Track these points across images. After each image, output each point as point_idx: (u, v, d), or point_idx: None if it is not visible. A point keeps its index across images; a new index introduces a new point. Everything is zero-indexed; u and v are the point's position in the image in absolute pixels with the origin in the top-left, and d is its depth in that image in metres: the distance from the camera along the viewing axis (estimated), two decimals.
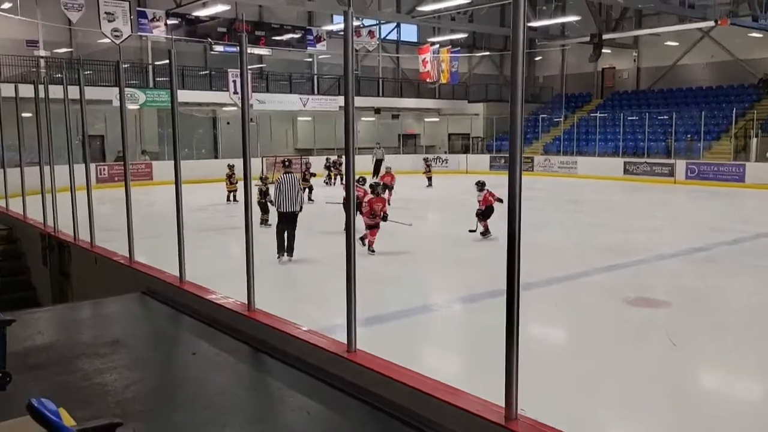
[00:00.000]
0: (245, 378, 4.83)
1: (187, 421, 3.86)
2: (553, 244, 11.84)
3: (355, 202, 13.70)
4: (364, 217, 11.02)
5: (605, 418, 4.81)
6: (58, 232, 9.93)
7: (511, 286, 3.36)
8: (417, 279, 9.69)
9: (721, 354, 6.41)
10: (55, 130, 10.17)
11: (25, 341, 5.31)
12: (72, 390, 4.29)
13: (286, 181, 10.56)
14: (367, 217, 11.02)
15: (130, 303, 6.80)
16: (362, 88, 31.82)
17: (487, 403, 3.60)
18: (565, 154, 30.57)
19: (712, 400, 5.42)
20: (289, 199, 10.38)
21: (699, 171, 25.27)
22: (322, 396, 4.24)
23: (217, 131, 29.65)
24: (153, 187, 21.33)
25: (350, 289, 4.46)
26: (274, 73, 30.30)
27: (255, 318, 5.41)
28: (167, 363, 5.20)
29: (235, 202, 17.53)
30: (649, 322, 7.30)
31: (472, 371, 5.80)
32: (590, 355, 6.29)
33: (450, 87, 35.22)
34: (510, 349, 3.36)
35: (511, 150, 3.38)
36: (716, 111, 28.89)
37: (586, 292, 8.85)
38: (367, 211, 10.99)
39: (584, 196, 22.17)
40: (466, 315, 8.03)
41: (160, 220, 11.35)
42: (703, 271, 10.05)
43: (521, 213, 3.30)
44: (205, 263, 9.03)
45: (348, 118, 4.47)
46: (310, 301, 7.91)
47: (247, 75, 5.68)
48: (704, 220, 15.48)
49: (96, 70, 24.45)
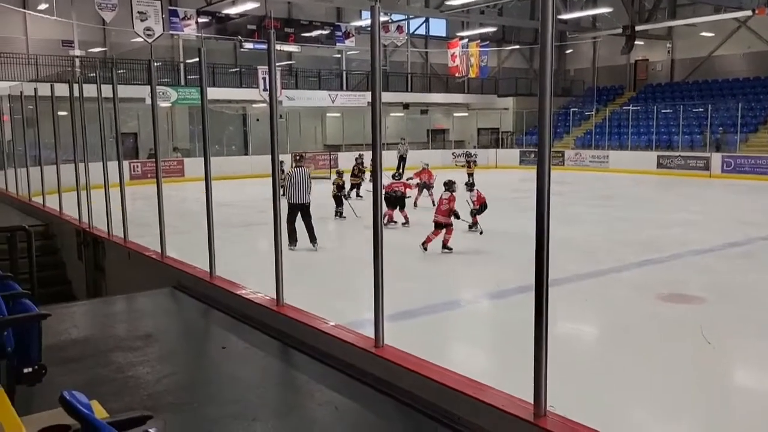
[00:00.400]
0: (274, 372, 4.87)
1: (216, 414, 3.91)
2: (584, 240, 11.69)
3: (396, 197, 13.54)
4: (440, 216, 10.68)
5: (636, 416, 4.73)
6: (92, 228, 10.13)
7: (540, 281, 3.33)
8: (445, 274, 9.66)
9: (757, 351, 6.27)
10: (90, 128, 10.36)
11: (60, 335, 5.43)
12: (105, 383, 4.38)
13: (297, 174, 11.03)
14: (443, 216, 10.63)
15: (162, 297, 6.91)
16: (391, 84, 31.78)
17: (515, 399, 3.58)
18: (596, 148, 30.16)
19: (748, 398, 5.30)
20: (298, 191, 10.84)
21: (735, 164, 24.71)
22: (350, 391, 4.26)
23: (247, 128, 29.90)
24: (184, 183, 21.62)
25: (378, 284, 4.47)
26: (303, 70, 30.44)
27: (284, 313, 5.45)
28: (198, 357, 5.27)
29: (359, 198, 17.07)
30: (683, 318, 7.17)
31: (500, 367, 5.76)
32: (622, 352, 6.20)
33: (479, 81, 34.96)
34: (539, 345, 3.33)
35: (540, 145, 3.35)
36: (753, 103, 28.21)
37: (617, 288, 8.73)
38: (445, 210, 10.66)
39: (616, 191, 21.84)
40: (495, 311, 7.98)
41: (191, 216, 11.52)
42: (738, 267, 9.83)
43: (550, 208, 3.27)
44: (235, 258, 9.12)
45: (375, 113, 4.46)
46: (339, 296, 7.93)
47: (275, 71, 5.71)
48: (740, 215, 15.13)
49: (129, 69, 24.84)
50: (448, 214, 10.68)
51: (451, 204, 10.76)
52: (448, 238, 10.66)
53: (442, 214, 10.71)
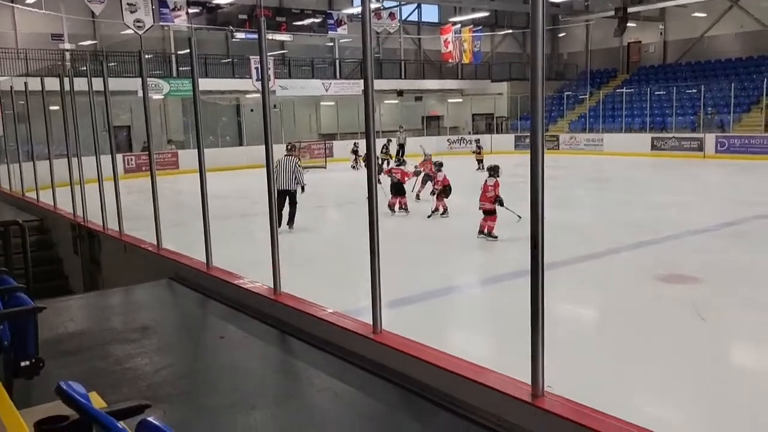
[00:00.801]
0: (272, 360, 4.88)
1: (215, 404, 3.92)
2: (580, 222, 11.71)
3: (395, 184, 13.51)
4: (486, 203, 10.40)
5: (633, 395, 4.76)
6: (87, 222, 10.10)
7: (536, 263, 3.33)
8: (442, 261, 9.67)
9: (753, 330, 6.30)
10: (82, 122, 10.31)
11: (57, 328, 5.43)
12: (104, 375, 4.38)
13: (282, 162, 11.78)
14: (489, 203, 10.36)
15: (159, 289, 6.91)
16: (384, 71, 31.67)
17: (513, 380, 3.59)
18: (590, 132, 30.15)
19: (744, 376, 5.33)
20: (282, 178, 11.58)
21: (729, 144, 24.75)
22: (348, 377, 4.27)
23: (241, 118, 29.80)
24: (179, 175, 21.57)
25: (374, 270, 4.47)
26: (295, 59, 30.29)
27: (281, 301, 5.45)
28: (196, 347, 5.27)
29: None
30: (680, 298, 7.20)
31: (498, 351, 5.78)
32: (619, 332, 6.23)
33: (473, 67, 34.87)
34: (535, 326, 3.34)
35: (533, 129, 3.35)
36: (746, 82, 28.20)
37: (614, 270, 8.75)
38: (491, 196, 10.36)
39: (611, 173, 21.87)
40: (491, 295, 7.99)
41: (186, 208, 11.47)
42: (733, 246, 9.86)
43: (545, 192, 3.27)
44: (232, 249, 9.11)
45: (368, 100, 4.45)
46: (336, 284, 7.93)
47: (266, 59, 5.68)
48: (734, 195, 15.17)
49: (120, 62, 24.68)
50: (494, 200, 10.39)
51: (497, 190, 10.46)
52: (492, 225, 10.38)
53: (488, 201, 10.41)
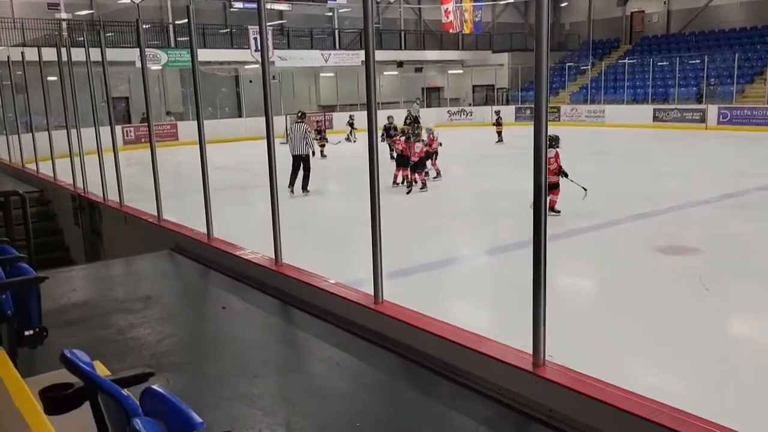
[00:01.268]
0: (274, 330, 4.90)
1: (218, 372, 3.95)
2: (581, 194, 11.69)
3: (399, 156, 13.45)
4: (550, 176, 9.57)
5: (634, 364, 4.80)
6: (88, 193, 10.09)
7: (538, 233, 3.32)
8: (442, 232, 9.68)
9: (753, 300, 6.32)
10: (80, 93, 10.22)
11: (60, 298, 5.45)
12: (107, 344, 4.41)
13: (294, 129, 12.99)
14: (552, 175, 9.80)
15: (160, 260, 6.92)
16: (384, 42, 31.35)
17: (515, 350, 3.61)
18: (592, 103, 29.95)
19: (745, 346, 5.37)
20: (292, 144, 12.80)
21: (731, 116, 24.59)
22: (350, 347, 4.29)
23: (240, 90, 29.57)
24: (179, 147, 21.48)
25: (376, 240, 4.47)
26: (295, 29, 29.96)
27: (283, 272, 5.47)
28: (198, 317, 5.30)
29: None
30: (680, 269, 7.21)
31: (499, 321, 5.81)
32: (620, 303, 6.25)
33: (473, 37, 34.50)
34: (537, 295, 3.35)
35: (536, 101, 3.30)
36: (750, 53, 27.93)
37: (615, 241, 8.76)
38: (554, 168, 9.86)
39: (612, 145, 21.77)
40: (493, 266, 8.01)
41: (186, 180, 11.45)
42: (734, 218, 9.86)
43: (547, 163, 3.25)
44: (232, 220, 9.11)
45: (369, 71, 4.40)
46: (337, 256, 7.95)
47: (266, 30, 5.61)
48: (736, 166, 15.12)
49: (118, 32, 24.42)
50: (556, 172, 9.95)
51: (558, 161, 10.03)
52: (554, 200, 9.88)
53: (551, 174, 9.80)
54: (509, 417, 3.36)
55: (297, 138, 12.75)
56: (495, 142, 21.87)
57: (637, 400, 3.04)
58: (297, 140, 12.72)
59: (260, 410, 3.46)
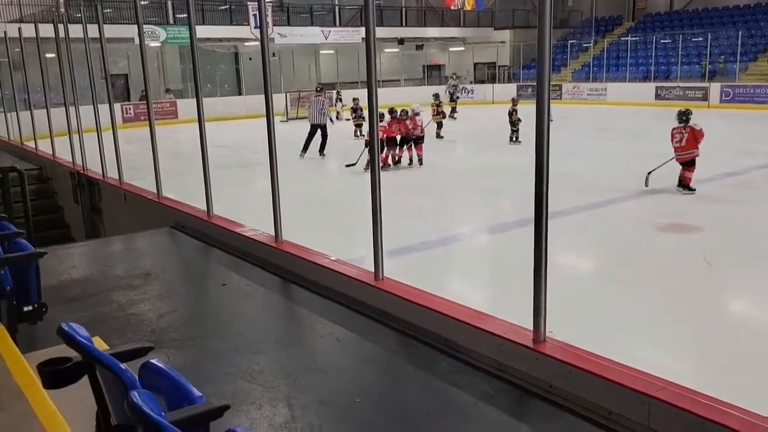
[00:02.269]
0: (275, 307, 4.91)
1: (219, 348, 3.95)
2: (582, 172, 11.64)
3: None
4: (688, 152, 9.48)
5: (634, 340, 4.80)
6: (87, 171, 10.06)
7: (540, 209, 3.31)
8: (442, 209, 9.65)
9: (753, 279, 6.31)
10: (79, 70, 10.14)
11: (60, 275, 5.45)
12: (108, 320, 4.41)
13: (313, 101, 14.71)
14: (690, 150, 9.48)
15: (160, 237, 6.91)
16: (385, 18, 31.02)
17: (515, 326, 3.61)
18: (594, 81, 29.73)
19: (745, 326, 5.36)
20: (311, 113, 14.44)
21: (734, 94, 24.42)
22: (351, 323, 4.30)
23: (239, 67, 29.34)
24: (178, 125, 21.37)
25: (376, 218, 4.46)
26: (294, 5, 29.63)
27: (283, 249, 5.46)
28: (198, 294, 5.30)
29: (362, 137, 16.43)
30: (681, 247, 7.20)
31: (500, 298, 5.81)
32: (620, 281, 6.24)
33: (475, 14, 34.15)
34: (538, 271, 3.34)
35: (539, 78, 3.27)
36: (754, 30, 27.65)
37: (616, 219, 8.73)
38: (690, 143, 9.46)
39: (614, 123, 21.64)
40: (494, 244, 7.99)
41: (186, 158, 11.42)
42: (735, 196, 9.82)
43: (549, 141, 3.22)
44: (232, 198, 9.08)
45: (369, 48, 4.35)
46: (337, 233, 7.93)
47: (265, 6, 5.54)
48: (738, 145, 15.03)
49: (116, 8, 24.14)
50: (694, 145, 9.48)
51: (697, 135, 9.49)
52: (689, 177, 9.57)
53: (690, 148, 9.47)
54: (509, 392, 3.37)
55: (314, 109, 14.17)
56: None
57: (637, 376, 3.04)
58: (313, 111, 14.17)
59: (260, 385, 3.46)
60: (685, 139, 9.59)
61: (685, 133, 9.66)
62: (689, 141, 9.57)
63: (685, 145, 9.59)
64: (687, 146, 9.57)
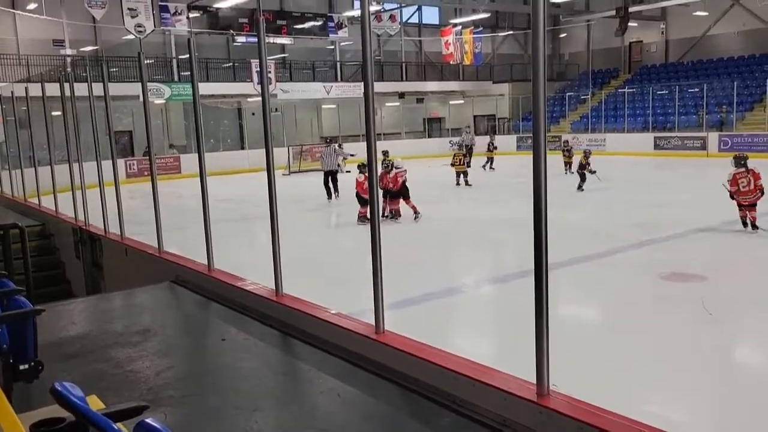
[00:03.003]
0: (275, 362, 4.84)
1: (218, 405, 3.88)
2: (583, 222, 11.67)
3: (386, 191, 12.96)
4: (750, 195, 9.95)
5: (640, 393, 4.71)
6: (89, 226, 10.08)
7: (539, 261, 3.29)
8: (443, 261, 9.63)
9: (758, 328, 6.24)
10: (83, 127, 10.28)
11: (58, 332, 5.39)
12: (105, 378, 4.34)
13: (325, 151, 16.74)
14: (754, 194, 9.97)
15: (160, 292, 6.87)
16: (385, 73, 31.64)
17: (518, 380, 3.54)
18: (593, 132, 30.06)
19: (751, 375, 5.28)
20: (323, 161, 16.44)
21: (732, 143, 24.64)
22: (352, 378, 4.22)
23: (242, 122, 29.79)
24: (181, 180, 21.54)
25: (376, 270, 4.43)
26: (296, 62, 30.28)
27: (283, 303, 5.41)
28: (197, 349, 5.24)
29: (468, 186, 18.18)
30: (685, 296, 7.15)
31: (502, 350, 5.74)
32: (624, 331, 6.18)
33: (474, 68, 34.82)
34: (540, 323, 3.30)
35: (535, 128, 3.32)
36: (749, 81, 28.11)
37: (618, 269, 8.70)
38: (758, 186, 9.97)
39: (614, 173, 21.76)
40: (495, 296, 7.95)
41: (188, 212, 11.46)
42: (738, 244, 9.81)
43: (548, 192, 3.24)
44: (233, 252, 9.09)
45: (368, 102, 4.41)
46: (337, 286, 7.89)
47: (266, 62, 5.65)
48: None
49: (122, 67, 24.68)
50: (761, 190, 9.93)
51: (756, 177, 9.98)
52: (755, 215, 9.99)
53: (752, 193, 9.95)
54: None
55: (328, 157, 16.17)
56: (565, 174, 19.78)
57: (644, 431, 2.97)
58: (326, 159, 16.17)
59: None
60: (751, 182, 9.99)
61: (750, 177, 10.02)
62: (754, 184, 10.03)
63: (753, 188, 10.00)
64: (755, 189, 9.98)
